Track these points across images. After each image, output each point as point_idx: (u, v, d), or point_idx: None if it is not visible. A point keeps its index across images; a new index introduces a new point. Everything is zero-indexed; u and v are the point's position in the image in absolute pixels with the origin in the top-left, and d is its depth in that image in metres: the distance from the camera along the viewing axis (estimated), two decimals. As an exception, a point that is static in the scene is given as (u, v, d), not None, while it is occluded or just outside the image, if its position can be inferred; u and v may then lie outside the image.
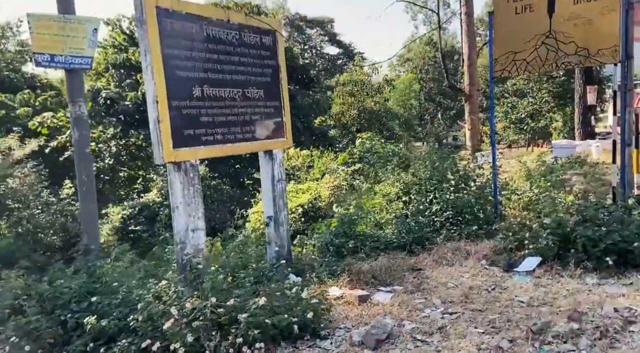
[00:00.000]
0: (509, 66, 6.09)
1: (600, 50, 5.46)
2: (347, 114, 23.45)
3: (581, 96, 23.30)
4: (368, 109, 23.82)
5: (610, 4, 5.34)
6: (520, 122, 33.55)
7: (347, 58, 50.58)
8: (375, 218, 6.77)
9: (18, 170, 11.82)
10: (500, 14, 6.06)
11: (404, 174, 7.11)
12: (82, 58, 5.28)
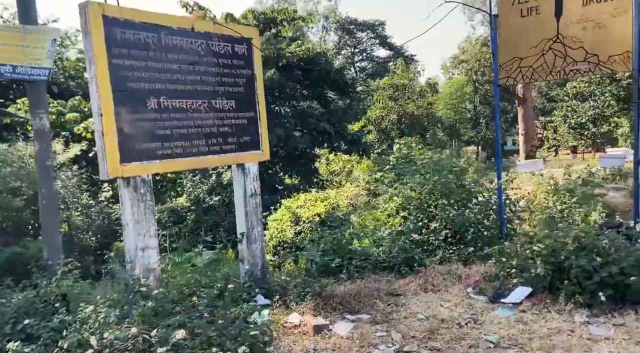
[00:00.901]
0: (514, 73, 5.61)
1: (612, 56, 4.88)
2: (386, 119, 23.00)
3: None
4: (409, 113, 23.21)
5: (622, 5, 4.75)
6: (581, 127, 31.28)
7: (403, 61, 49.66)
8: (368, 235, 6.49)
9: (62, 173, 12.57)
10: (505, 17, 5.60)
11: (402, 187, 6.75)
12: (40, 69, 5.38)
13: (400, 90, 23.52)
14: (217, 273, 5.20)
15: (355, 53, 51.36)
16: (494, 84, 5.83)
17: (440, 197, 6.18)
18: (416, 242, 6.01)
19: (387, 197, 6.96)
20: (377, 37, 50.24)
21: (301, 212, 11.11)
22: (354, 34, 50.06)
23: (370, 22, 49.01)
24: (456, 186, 6.42)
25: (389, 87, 23.54)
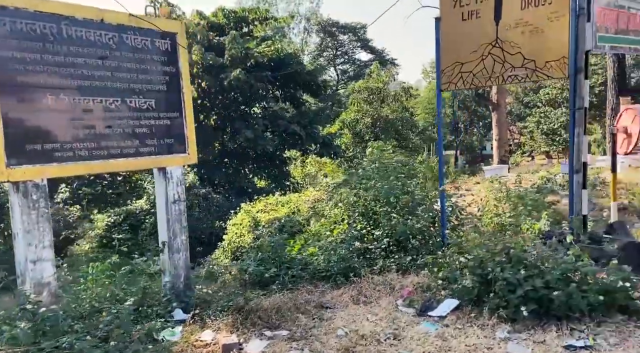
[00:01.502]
0: (455, 78, 5.46)
1: (548, 62, 4.76)
2: (361, 122, 22.88)
3: (613, 107, 21.61)
4: (383, 117, 23.14)
5: (559, 9, 4.64)
6: (553, 133, 31.71)
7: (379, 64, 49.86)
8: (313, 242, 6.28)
9: None
10: (447, 20, 5.45)
11: (347, 193, 6.55)
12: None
13: (375, 94, 23.44)
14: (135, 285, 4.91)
15: (337, 55, 51.25)
16: (437, 89, 5.68)
17: (384, 204, 5.99)
18: (358, 250, 5.81)
19: (333, 203, 6.76)
20: (359, 40, 50.23)
21: (261, 217, 10.87)
22: (336, 37, 49.95)
23: (352, 25, 48.96)
24: (402, 192, 6.24)
25: (364, 90, 23.43)
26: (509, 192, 7.94)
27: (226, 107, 16.88)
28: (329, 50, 50.20)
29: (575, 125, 4.65)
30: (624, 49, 6.54)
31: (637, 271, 4.35)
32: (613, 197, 6.10)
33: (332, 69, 51.43)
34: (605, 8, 5.87)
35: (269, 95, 18.31)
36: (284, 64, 16.81)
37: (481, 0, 5.13)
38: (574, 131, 4.65)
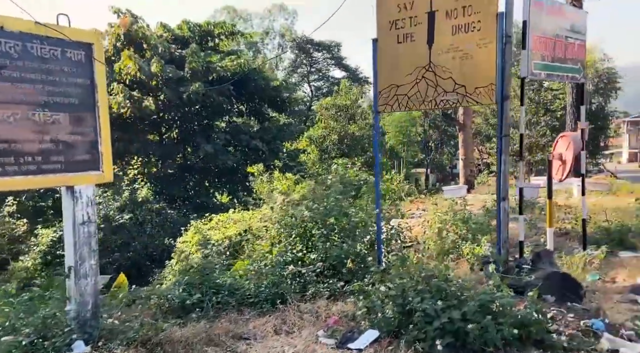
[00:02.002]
0: (391, 101, 5.39)
1: (478, 88, 4.74)
2: (328, 139, 22.86)
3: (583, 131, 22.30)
4: (350, 134, 23.20)
5: (487, 35, 4.63)
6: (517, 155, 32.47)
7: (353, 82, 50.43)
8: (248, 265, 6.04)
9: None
10: (383, 42, 5.40)
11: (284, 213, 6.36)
12: None
13: (343, 111, 23.52)
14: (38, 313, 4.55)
15: (311, 72, 51.59)
16: (374, 111, 5.60)
17: (321, 226, 5.82)
18: (291, 274, 5.59)
19: (270, 223, 6.55)
20: (333, 58, 50.73)
21: (211, 234, 10.51)
22: (311, 54, 50.33)
23: (326, 43, 49.47)
24: (340, 214, 6.09)
25: (331, 106, 23.49)
26: (455, 214, 7.91)
27: (188, 120, 16.57)
28: (304, 66, 50.51)
29: (502, 152, 4.61)
30: (560, 77, 6.64)
31: (560, 302, 4.29)
32: (549, 223, 6.10)
33: (306, 85, 51.72)
34: (542, 36, 5.96)
35: (234, 109, 18.10)
36: (248, 79, 16.67)
37: (415, 24, 5.11)
38: (500, 158, 4.61)
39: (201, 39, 17.07)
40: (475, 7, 4.68)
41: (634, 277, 5.71)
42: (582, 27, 6.90)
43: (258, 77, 16.62)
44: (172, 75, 13.93)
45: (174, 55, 15.04)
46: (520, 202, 6.03)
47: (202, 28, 16.69)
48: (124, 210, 12.76)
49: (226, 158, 14.92)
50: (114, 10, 16.13)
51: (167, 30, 16.57)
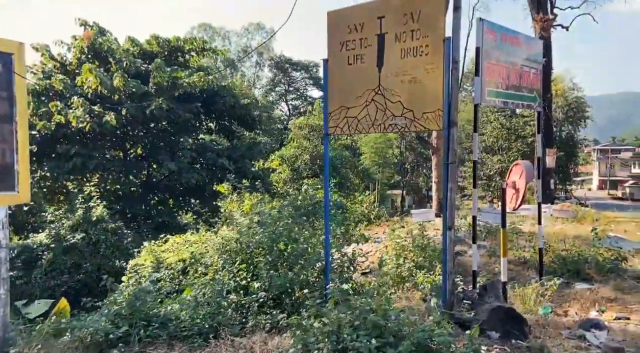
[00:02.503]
0: (341, 123, 5.21)
1: (425, 113, 4.59)
2: (300, 159, 22.67)
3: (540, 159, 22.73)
4: (322, 155, 23.09)
5: (435, 60, 4.51)
6: (489, 179, 32.94)
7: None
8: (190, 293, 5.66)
9: None
10: (334, 63, 5.25)
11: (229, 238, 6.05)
12: None
13: (316, 131, 23.43)
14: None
15: (289, 91, 51.79)
16: (324, 133, 5.40)
17: (266, 253, 5.52)
18: (232, 304, 5.25)
19: (215, 248, 6.22)
20: (311, 78, 51.10)
21: (164, 257, 10.04)
22: (289, 73, 50.61)
23: (304, 63, 49.88)
24: (289, 240, 5.81)
25: (305, 126, 23.39)
26: (414, 240, 7.73)
27: (154, 136, 16.13)
28: (282, 85, 50.67)
29: (448, 179, 4.44)
30: (516, 105, 6.62)
31: (503, 339, 4.08)
32: (503, 253, 5.95)
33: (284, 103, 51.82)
34: (495, 64, 5.92)
35: (202, 126, 17.76)
36: (217, 96, 16.41)
37: (366, 46, 4.97)
38: (447, 186, 4.44)
39: (170, 55, 16.78)
40: (424, 31, 4.57)
41: (587, 310, 5.58)
42: (538, 56, 6.94)
43: (227, 94, 16.37)
44: (136, 90, 13.55)
45: (140, 70, 14.69)
46: (473, 231, 5.87)
47: (171, 43, 16.42)
48: (77, 229, 12.14)
49: (190, 176, 14.48)
50: (81, 23, 15.76)
51: (135, 44, 16.25)
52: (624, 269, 7.04)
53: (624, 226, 13.53)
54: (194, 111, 15.47)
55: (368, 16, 4.94)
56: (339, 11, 5.21)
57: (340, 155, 23.90)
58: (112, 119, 13.23)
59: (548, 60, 22.88)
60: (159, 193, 16.71)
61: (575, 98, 40.92)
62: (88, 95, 13.91)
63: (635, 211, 32.09)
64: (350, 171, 24.53)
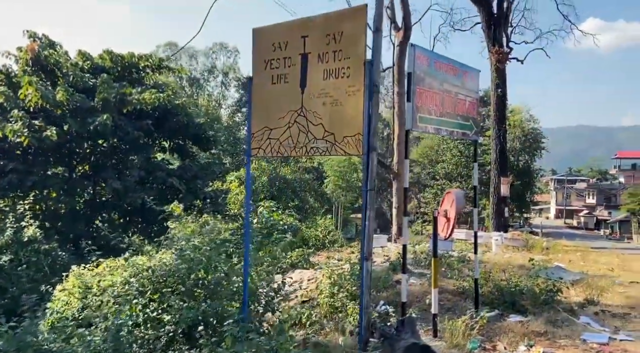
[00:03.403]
0: (264, 144, 4.96)
1: (346, 137, 4.41)
2: (258, 180, 22.28)
3: (495, 187, 23.19)
4: (281, 177, 22.79)
5: (356, 83, 4.37)
6: (449, 206, 33.42)
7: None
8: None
9: None
10: (258, 82, 5.04)
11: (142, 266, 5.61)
12: None
13: (276, 153, 23.18)
14: None
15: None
16: (247, 154, 5.15)
17: (178, 282, 5.12)
18: (140, 339, 4.79)
19: (125, 276, 5.76)
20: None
21: (93, 282, 9.36)
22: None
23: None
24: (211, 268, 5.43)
25: (265, 148, 23.11)
26: (352, 267, 7.47)
27: (101, 154, 15.45)
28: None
29: (367, 207, 4.24)
30: (450, 132, 6.58)
31: (417, 379, 3.83)
32: (434, 284, 5.76)
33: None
34: (428, 90, 5.85)
35: (155, 145, 17.20)
36: (170, 114, 15.98)
37: (289, 65, 4.80)
38: (365, 214, 4.23)
39: (124, 71, 16.30)
40: (345, 52, 4.43)
41: (516, 344, 5.41)
42: (474, 85, 6.97)
43: (181, 112, 15.96)
44: (81, 105, 12.97)
45: (88, 85, 14.13)
46: (403, 260, 5.67)
47: (124, 59, 15.95)
48: (6, 250, 11.27)
49: (136, 196, 13.84)
50: (29, 35, 15.15)
51: (87, 58, 15.72)
52: (559, 301, 6.98)
53: (570, 256, 13.78)
54: (144, 129, 14.95)
55: (292, 35, 4.78)
56: (264, 28, 5.04)
57: (300, 178, 23.68)
58: (54, 134, 12.57)
59: (503, 91, 23.67)
60: (105, 213, 15.91)
61: (532, 129, 42.55)
62: (30, 108, 13.22)
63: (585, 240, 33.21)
64: (309, 194, 24.29)
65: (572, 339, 5.52)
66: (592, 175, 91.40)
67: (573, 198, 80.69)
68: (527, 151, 41.83)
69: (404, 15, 23.47)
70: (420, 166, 42.80)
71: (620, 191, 61.64)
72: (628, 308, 6.84)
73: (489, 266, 10.42)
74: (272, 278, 5.94)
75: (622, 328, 5.97)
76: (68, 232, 14.63)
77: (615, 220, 57.14)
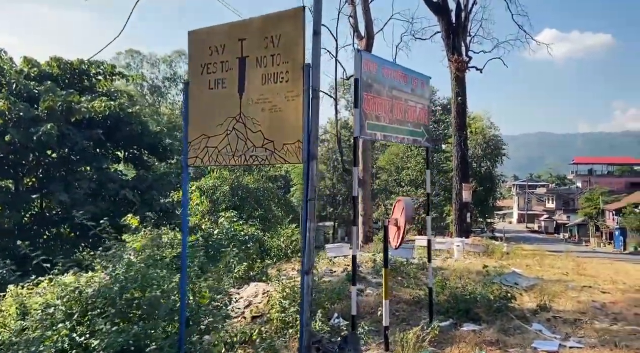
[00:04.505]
0: (201, 153, 4.67)
1: (286, 144, 4.19)
2: (219, 190, 21.74)
3: (457, 193, 23.53)
4: (244, 186, 22.35)
5: (295, 88, 4.16)
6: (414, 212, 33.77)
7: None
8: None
9: None
10: (195, 87, 4.75)
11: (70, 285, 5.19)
12: None
13: (239, 163, 22.72)
14: None
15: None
16: (183, 164, 4.84)
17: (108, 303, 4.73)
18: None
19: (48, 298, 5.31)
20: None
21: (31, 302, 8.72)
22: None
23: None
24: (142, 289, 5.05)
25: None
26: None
27: (49, 165, 14.64)
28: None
29: (307, 218, 4.01)
30: (400, 139, 6.48)
31: (358, 401, 3.61)
32: (385, 295, 5.59)
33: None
34: (376, 97, 5.73)
35: (108, 155, 16.48)
36: (123, 123, 15.35)
37: (227, 69, 4.54)
38: (306, 225, 4.00)
39: (74, 78, 15.58)
40: (284, 56, 4.22)
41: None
42: (425, 92, 6.91)
43: (134, 121, 15.36)
44: (24, 114, 12.25)
45: (33, 93, 13.39)
46: (353, 271, 5.48)
47: (73, 66, 15.25)
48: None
49: (86, 209, 13.12)
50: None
51: (33, 65, 14.93)
52: (512, 308, 6.95)
53: (527, 261, 13.99)
54: (95, 138, 14.27)
55: (229, 38, 4.53)
56: (200, 31, 4.77)
57: (263, 187, 23.29)
58: (-6, 145, 11.79)
59: (463, 99, 24.15)
60: (54, 228, 15.05)
61: (493, 136, 43.74)
62: (-32, 117, 12.37)
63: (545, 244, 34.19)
64: (273, 203, 23.89)
65: (523, 348, 5.45)
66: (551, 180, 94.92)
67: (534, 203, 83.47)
68: (489, 157, 42.91)
69: (366, 24, 23.71)
70: (387, 173, 43.13)
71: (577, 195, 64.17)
72: (579, 314, 6.88)
73: (447, 273, 10.40)
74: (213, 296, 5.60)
75: (572, 334, 5.96)
76: (13, 249, 13.73)
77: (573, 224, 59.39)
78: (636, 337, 5.75)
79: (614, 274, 10.96)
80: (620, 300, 7.83)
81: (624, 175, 62.09)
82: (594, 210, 49.10)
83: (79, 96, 13.79)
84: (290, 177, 44.47)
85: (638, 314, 6.91)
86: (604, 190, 51.34)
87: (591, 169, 67.85)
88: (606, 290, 8.67)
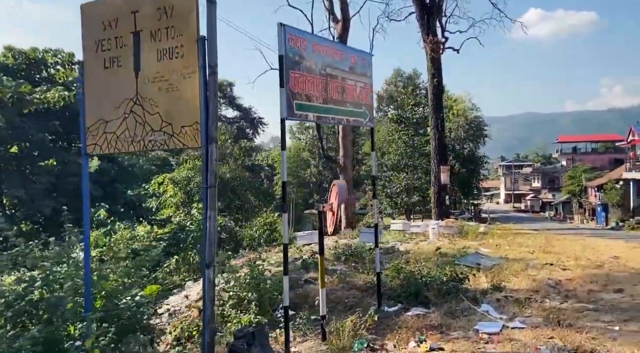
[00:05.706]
0: (100, 140, 4.28)
1: (184, 127, 3.82)
2: (193, 181, 21.31)
3: (436, 175, 23.31)
4: (219, 176, 21.93)
5: (191, 64, 3.78)
6: (397, 196, 33.55)
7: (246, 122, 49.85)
8: None
9: None
10: (90, 68, 4.35)
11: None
12: None
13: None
14: None
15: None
16: (82, 153, 4.45)
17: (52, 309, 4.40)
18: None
19: None
20: (225, 97, 49.79)
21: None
22: (201, 92, 48.83)
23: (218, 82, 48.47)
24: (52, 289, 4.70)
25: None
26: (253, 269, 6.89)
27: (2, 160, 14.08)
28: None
29: (208, 206, 3.67)
30: (337, 120, 6.14)
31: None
32: (321, 283, 5.30)
33: (197, 124, 49.92)
34: (306, 74, 5.36)
35: (70, 148, 15.94)
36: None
37: (121, 46, 4.14)
38: (207, 214, 3.65)
39: (30, 68, 14.94)
40: (178, 28, 3.83)
41: (406, 341, 5.03)
42: (366, 69, 6.52)
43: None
44: (-31, 107, 11.69)
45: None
46: (284, 261, 5.16)
47: (28, 55, 14.61)
48: None
49: (45, 204, 12.68)
50: None
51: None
52: (465, 290, 6.71)
53: (499, 240, 13.81)
54: (51, 130, 13.74)
55: (122, 10, 4.11)
56: (92, 3, 4.33)
57: (239, 176, 22.87)
58: (-63, 140, 11.22)
59: (439, 80, 23.77)
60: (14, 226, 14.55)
61: (475, 117, 43.52)
62: None
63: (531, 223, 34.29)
64: (250, 193, 23.49)
65: (466, 330, 5.21)
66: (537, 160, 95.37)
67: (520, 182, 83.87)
68: (471, 139, 42.74)
69: (342, 7, 23.12)
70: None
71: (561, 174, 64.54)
72: (532, 292, 6.66)
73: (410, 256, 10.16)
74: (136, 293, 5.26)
75: (519, 314, 5.74)
76: None
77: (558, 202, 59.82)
78: (583, 315, 5.54)
79: (581, 251, 10.81)
80: (578, 276, 7.64)
81: (607, 151, 62.47)
82: (577, 187, 49.39)
83: (32, 87, 13.19)
84: (275, 166, 44.05)
85: (592, 290, 6.72)
86: (586, 167, 51.62)
87: (575, 147, 68.17)
88: (567, 267, 8.49)
